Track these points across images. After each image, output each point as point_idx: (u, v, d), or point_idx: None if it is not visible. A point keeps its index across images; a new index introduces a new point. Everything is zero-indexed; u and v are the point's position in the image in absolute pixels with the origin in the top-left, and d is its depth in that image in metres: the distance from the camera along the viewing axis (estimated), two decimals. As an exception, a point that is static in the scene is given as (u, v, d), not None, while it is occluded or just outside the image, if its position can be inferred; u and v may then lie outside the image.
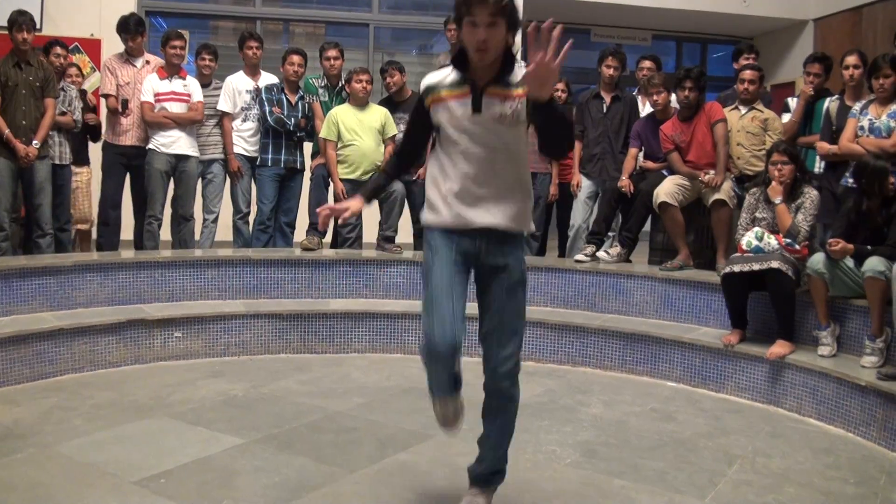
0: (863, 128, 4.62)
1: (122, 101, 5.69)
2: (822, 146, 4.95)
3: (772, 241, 4.28)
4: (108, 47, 7.29)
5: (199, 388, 4.15)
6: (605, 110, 5.87)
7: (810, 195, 4.37)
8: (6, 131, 5.04)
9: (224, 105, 5.80)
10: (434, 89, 2.49)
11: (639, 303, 5.02)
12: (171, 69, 5.67)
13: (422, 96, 2.52)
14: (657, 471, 3.23)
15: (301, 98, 5.86)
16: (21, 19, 5.12)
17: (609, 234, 5.77)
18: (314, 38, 8.82)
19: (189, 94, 5.68)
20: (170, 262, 5.01)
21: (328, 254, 5.41)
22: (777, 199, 4.36)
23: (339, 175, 5.62)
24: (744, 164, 5.24)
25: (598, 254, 5.35)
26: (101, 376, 4.32)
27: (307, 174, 5.98)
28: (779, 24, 9.67)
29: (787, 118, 5.46)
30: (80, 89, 6.03)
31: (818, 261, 4.09)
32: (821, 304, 4.14)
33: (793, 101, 5.59)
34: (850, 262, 4.05)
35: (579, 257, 5.34)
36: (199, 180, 5.88)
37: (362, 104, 5.67)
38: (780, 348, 4.17)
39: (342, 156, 5.63)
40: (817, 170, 5.19)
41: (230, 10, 8.85)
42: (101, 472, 2.99)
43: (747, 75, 5.29)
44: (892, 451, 3.56)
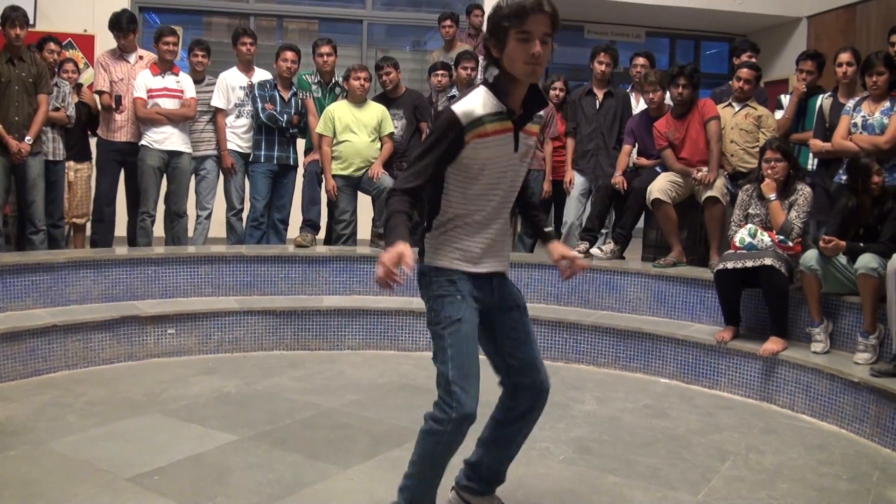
0: (856, 125, 4.63)
1: (115, 97, 5.68)
2: (816, 144, 4.96)
3: (765, 238, 4.29)
4: (101, 43, 7.27)
5: (192, 384, 4.15)
6: (597, 106, 5.88)
7: (803, 192, 4.37)
8: (-2, 127, 5.02)
9: (218, 101, 5.78)
10: (480, 122, 2.16)
11: (632, 299, 5.03)
12: (163, 65, 5.65)
13: (461, 129, 2.16)
14: (650, 467, 3.24)
15: (294, 94, 5.84)
16: (14, 15, 5.10)
17: (602, 230, 5.78)
18: (308, 35, 8.81)
19: (182, 91, 5.65)
20: (163, 258, 4.99)
21: (322, 250, 5.40)
22: (770, 196, 4.36)
23: (332, 171, 5.61)
24: (737, 160, 5.25)
25: (591, 250, 5.36)
26: (95, 373, 4.31)
27: (300, 171, 5.97)
28: (772, 21, 9.68)
29: (780, 115, 5.47)
30: (77, 83, 6.00)
31: (811, 257, 4.10)
32: (814, 301, 4.15)
33: (786, 98, 5.60)
34: (843, 259, 4.06)
35: (573, 254, 5.34)
36: (193, 177, 5.86)
37: (360, 101, 5.65)
38: (773, 345, 4.18)
39: (336, 152, 5.62)
40: (810, 167, 5.20)
41: (224, 6, 8.84)
42: (94, 469, 2.99)
43: (744, 74, 5.29)
44: (885, 447, 3.58)
